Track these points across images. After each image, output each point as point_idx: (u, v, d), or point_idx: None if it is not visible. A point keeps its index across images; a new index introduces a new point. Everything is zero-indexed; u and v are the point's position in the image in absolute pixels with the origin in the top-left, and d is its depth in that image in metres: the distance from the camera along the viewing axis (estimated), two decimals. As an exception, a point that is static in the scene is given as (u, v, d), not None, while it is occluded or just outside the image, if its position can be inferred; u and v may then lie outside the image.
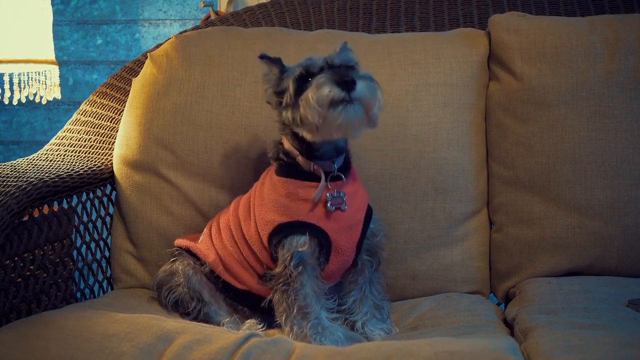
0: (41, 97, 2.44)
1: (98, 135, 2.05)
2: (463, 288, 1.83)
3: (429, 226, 1.82)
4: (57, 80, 2.43)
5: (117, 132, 2.00)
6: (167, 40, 2.00)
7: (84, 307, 1.48)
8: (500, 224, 1.83)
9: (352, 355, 1.22)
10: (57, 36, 2.96)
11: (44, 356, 1.16)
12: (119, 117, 2.04)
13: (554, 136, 1.76)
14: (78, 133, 2.07)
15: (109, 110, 2.08)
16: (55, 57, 2.41)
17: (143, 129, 1.88)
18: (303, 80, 1.46)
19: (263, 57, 1.54)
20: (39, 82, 2.40)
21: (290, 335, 1.49)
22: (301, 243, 1.50)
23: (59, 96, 2.45)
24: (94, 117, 2.08)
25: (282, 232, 1.52)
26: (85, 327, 1.24)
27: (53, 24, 2.43)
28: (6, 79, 2.42)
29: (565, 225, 1.74)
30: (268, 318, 1.61)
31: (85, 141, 2.05)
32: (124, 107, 1.99)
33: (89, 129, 2.07)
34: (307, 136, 1.47)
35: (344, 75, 1.39)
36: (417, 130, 1.82)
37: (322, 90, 1.39)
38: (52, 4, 2.63)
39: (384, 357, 1.20)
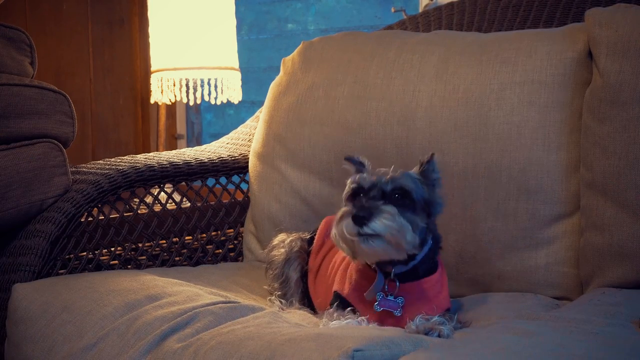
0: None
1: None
2: (548, 292, 1.77)
3: (511, 226, 1.79)
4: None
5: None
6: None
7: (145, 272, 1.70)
8: (581, 228, 1.73)
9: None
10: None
11: (54, 299, 1.44)
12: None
13: (627, 137, 1.61)
14: (251, 128, 2.40)
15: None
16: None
17: (266, 125, 2.13)
18: (355, 196, 1.44)
19: (347, 159, 1.55)
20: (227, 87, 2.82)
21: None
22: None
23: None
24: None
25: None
26: (103, 283, 1.48)
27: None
28: (212, 82, 2.86)
29: (631, 233, 1.59)
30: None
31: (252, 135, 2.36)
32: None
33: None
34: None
35: (361, 210, 1.36)
36: (500, 129, 1.80)
37: (340, 225, 1.39)
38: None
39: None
